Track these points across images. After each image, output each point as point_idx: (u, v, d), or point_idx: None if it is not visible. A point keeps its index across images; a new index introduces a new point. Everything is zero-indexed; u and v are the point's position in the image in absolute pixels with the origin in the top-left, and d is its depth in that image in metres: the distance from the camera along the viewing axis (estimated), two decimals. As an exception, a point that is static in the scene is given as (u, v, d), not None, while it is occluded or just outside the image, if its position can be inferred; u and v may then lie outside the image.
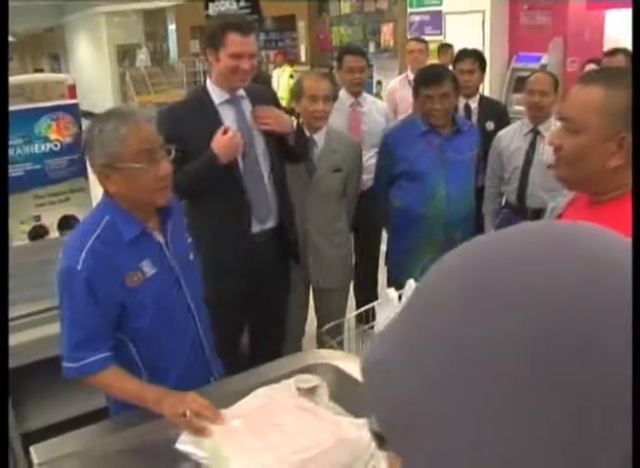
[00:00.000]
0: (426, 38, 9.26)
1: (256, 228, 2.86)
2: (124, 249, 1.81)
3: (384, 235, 4.06)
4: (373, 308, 2.46)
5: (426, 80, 3.18)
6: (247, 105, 2.84)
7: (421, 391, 0.45)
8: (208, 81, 2.84)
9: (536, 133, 3.59)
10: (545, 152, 3.58)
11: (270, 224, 2.92)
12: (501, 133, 3.76)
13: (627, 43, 4.24)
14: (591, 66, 4.96)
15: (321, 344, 3.57)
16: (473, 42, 9.06)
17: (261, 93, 2.97)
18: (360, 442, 1.50)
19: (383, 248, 4.15)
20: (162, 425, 1.69)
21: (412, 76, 5.26)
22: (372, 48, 11.52)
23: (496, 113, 4.36)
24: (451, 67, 4.32)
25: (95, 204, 2.05)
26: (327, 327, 2.37)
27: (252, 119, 2.83)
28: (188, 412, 1.62)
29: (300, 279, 3.28)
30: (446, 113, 3.19)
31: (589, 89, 1.49)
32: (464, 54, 4.53)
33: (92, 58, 18.73)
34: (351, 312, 2.78)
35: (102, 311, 1.79)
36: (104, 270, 1.76)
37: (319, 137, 3.24)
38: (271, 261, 2.96)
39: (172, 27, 17.38)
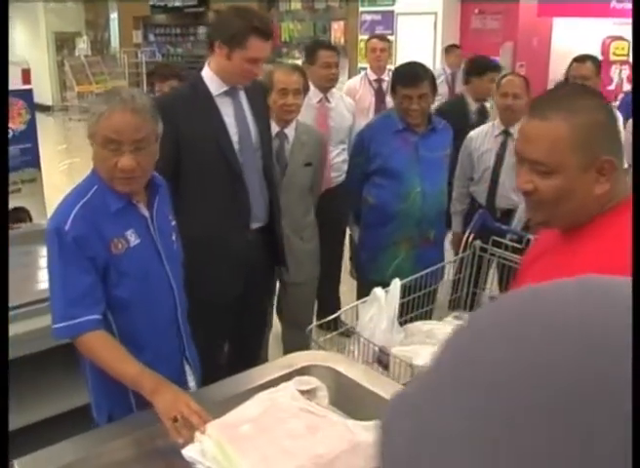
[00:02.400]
0: (377, 38, 9.35)
1: (253, 225, 2.77)
2: (110, 217, 1.86)
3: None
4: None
5: (405, 80, 3.14)
6: (243, 97, 2.73)
7: None
8: (205, 71, 2.67)
9: (507, 134, 3.61)
10: None
11: (261, 223, 2.82)
12: (472, 134, 3.76)
13: (574, 50, 4.32)
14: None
15: (285, 339, 3.53)
16: (425, 43, 9.17)
17: (255, 85, 2.88)
18: (372, 444, 1.44)
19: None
20: (156, 433, 1.59)
21: (372, 75, 5.24)
22: (321, 45, 11.50)
23: None
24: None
25: (47, 198, 2.08)
26: (311, 326, 2.30)
27: (248, 111, 2.73)
28: (179, 418, 1.55)
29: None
30: (423, 113, 3.17)
31: (551, 125, 1.36)
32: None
33: (28, 44, 18.07)
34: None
35: (92, 269, 1.81)
36: (91, 233, 1.81)
37: (290, 131, 3.19)
38: (261, 261, 2.87)
39: (113, 16, 16.96)
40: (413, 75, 3.15)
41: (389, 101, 4.98)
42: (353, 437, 1.44)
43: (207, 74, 2.66)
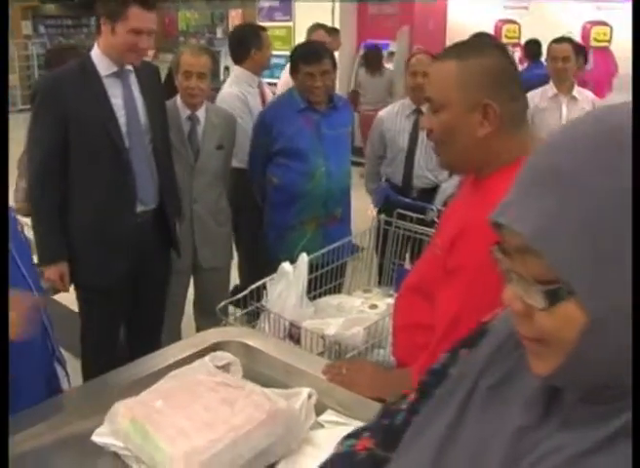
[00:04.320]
0: (275, 24, 9.32)
1: (139, 208, 2.73)
2: None
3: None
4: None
5: (307, 57, 3.15)
6: (133, 79, 2.68)
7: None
8: (94, 51, 2.62)
9: (418, 113, 3.65)
10: None
11: (152, 205, 2.80)
12: (381, 113, 3.78)
13: (468, 31, 4.44)
14: None
15: (199, 326, 3.48)
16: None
17: (147, 68, 2.81)
18: (292, 412, 1.45)
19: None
20: (67, 418, 1.54)
21: None
22: (219, 33, 11.38)
23: None
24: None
25: None
26: (222, 304, 2.30)
27: (138, 94, 2.68)
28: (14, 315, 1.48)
29: (185, 265, 3.17)
30: (326, 90, 3.18)
31: (443, 65, 1.47)
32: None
33: None
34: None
35: None
36: None
37: (201, 114, 3.15)
38: (152, 243, 2.85)
39: (0, 7, 16.16)
40: (314, 52, 3.17)
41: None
42: (272, 405, 1.44)
43: (96, 54, 2.61)
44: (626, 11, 6.52)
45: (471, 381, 0.81)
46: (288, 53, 4.67)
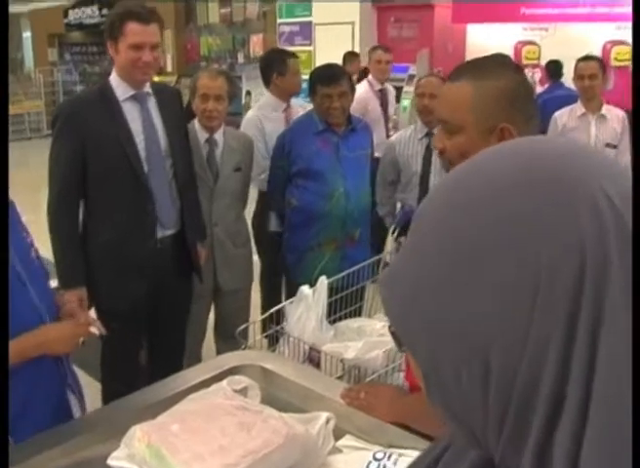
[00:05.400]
0: (296, 48, 9.40)
1: (159, 234, 2.74)
2: None
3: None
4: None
5: (324, 79, 3.16)
6: (153, 103, 2.70)
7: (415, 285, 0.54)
8: (112, 76, 2.66)
9: (431, 136, 3.62)
10: None
11: (172, 230, 2.80)
12: (393, 139, 3.77)
13: (487, 54, 4.48)
14: None
15: (219, 350, 3.46)
16: (343, 53, 9.24)
17: (168, 91, 2.84)
18: (309, 436, 1.44)
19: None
20: (83, 443, 1.54)
21: (377, 85, 5.46)
22: (241, 58, 11.49)
23: None
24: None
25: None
26: (241, 328, 2.28)
27: (158, 118, 2.70)
28: (81, 340, 1.71)
29: (206, 290, 3.17)
30: (344, 111, 3.19)
31: (458, 86, 1.45)
32: None
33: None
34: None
35: None
36: None
37: (219, 137, 3.17)
38: (172, 268, 2.85)
39: (27, 34, 16.51)
40: (331, 74, 3.19)
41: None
42: (289, 430, 1.42)
43: (113, 79, 2.65)
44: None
45: None
46: (308, 77, 4.71)
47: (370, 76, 5.61)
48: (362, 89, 5.37)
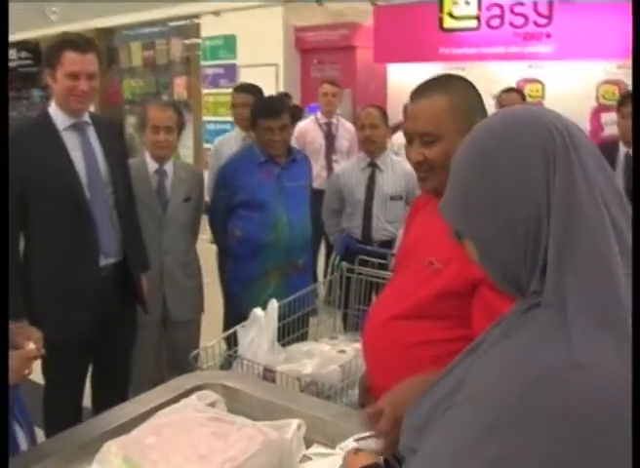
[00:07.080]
0: (221, 90, 9.49)
1: (102, 262, 2.73)
2: None
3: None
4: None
5: (265, 113, 3.25)
6: (92, 132, 2.72)
7: None
8: (51, 106, 2.67)
9: (374, 166, 3.77)
10: (385, 184, 3.78)
11: (115, 258, 2.80)
12: (338, 170, 3.91)
13: (407, 93, 4.71)
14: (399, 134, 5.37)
15: (165, 380, 3.41)
16: (267, 94, 9.39)
17: (108, 122, 2.86)
18: (284, 441, 1.48)
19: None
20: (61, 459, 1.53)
21: (323, 119, 5.63)
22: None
23: None
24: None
25: None
26: (195, 352, 2.29)
27: (98, 147, 2.71)
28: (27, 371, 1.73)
29: (154, 319, 3.16)
30: (284, 144, 3.29)
31: (431, 101, 1.58)
32: None
33: None
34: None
35: None
36: None
37: (168, 168, 3.21)
38: (116, 297, 2.83)
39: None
40: (272, 107, 3.28)
41: (338, 144, 5.46)
42: (265, 437, 1.45)
43: (52, 109, 2.66)
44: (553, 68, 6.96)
45: None
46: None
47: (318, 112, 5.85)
48: (306, 121, 5.69)
